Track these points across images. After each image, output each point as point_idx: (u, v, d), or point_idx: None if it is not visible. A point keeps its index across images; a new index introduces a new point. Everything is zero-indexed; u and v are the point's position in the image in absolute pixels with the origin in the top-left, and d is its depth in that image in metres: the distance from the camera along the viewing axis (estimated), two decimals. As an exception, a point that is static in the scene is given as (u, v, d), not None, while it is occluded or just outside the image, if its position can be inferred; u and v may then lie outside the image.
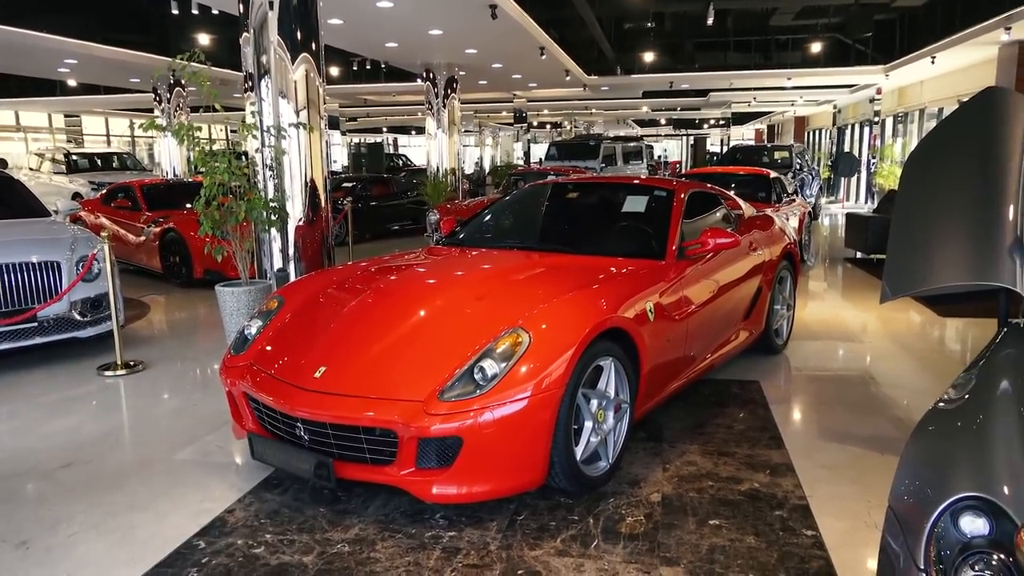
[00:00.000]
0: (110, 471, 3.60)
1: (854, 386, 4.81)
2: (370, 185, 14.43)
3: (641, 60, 17.75)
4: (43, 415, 4.41)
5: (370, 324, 3.44)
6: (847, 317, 6.85)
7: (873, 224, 9.61)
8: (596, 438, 3.25)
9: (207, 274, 8.25)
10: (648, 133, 42.17)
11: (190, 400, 4.67)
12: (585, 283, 3.57)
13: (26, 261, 5.34)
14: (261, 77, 6.13)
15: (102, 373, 5.21)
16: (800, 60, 17.45)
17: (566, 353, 3.03)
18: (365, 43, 13.01)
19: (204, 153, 5.39)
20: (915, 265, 3.12)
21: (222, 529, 2.99)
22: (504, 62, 14.91)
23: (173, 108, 16.55)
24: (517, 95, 22.36)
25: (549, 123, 37.72)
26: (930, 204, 3.17)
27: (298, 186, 6.17)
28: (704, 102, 24.19)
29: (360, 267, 4.28)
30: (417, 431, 2.85)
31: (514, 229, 5.15)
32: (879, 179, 18.42)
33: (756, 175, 9.89)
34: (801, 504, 3.14)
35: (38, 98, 20.73)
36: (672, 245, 4.19)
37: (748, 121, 36.44)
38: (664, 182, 5.13)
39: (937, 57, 13.34)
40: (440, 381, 2.96)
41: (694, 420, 4.15)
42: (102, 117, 28.68)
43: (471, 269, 4.19)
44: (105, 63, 14.03)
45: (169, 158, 17.15)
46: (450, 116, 15.14)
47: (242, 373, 3.43)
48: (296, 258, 6.20)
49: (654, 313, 3.63)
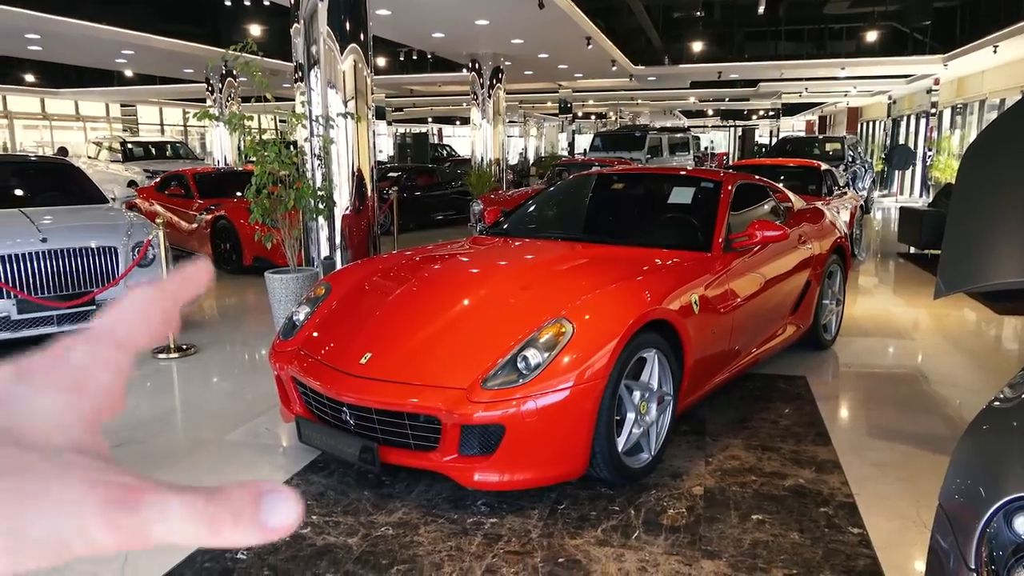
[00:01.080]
0: (162, 451, 3.72)
1: (905, 383, 4.70)
2: (415, 175, 14.54)
3: (689, 50, 17.50)
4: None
5: (415, 312, 3.48)
6: (898, 313, 6.69)
7: (927, 218, 9.34)
8: (638, 430, 3.24)
9: (256, 261, 8.42)
10: (695, 124, 41.60)
11: (240, 383, 4.80)
12: (629, 274, 3.56)
13: (85, 246, 5.52)
14: (311, 67, 6.23)
15: (156, 356, 5.37)
16: (855, 49, 17.00)
17: (609, 344, 3.02)
18: (412, 33, 13.09)
19: (255, 142, 5.50)
20: (972, 260, 3.03)
21: (270, 509, 3.07)
22: (550, 52, 14.85)
23: (225, 98, 16.89)
24: (562, 85, 22.25)
25: (594, 114, 37.50)
26: (989, 198, 3.07)
27: (345, 175, 6.26)
28: (753, 92, 23.75)
29: (405, 256, 4.33)
30: (460, 418, 2.89)
31: (558, 220, 5.14)
32: (935, 172, 17.88)
33: (806, 167, 9.69)
34: (848, 502, 3.09)
35: (96, 88, 21.40)
36: (719, 237, 4.14)
37: (799, 112, 35.68)
38: (711, 173, 5.07)
39: (1000, 46, 12.86)
40: (483, 369, 2.99)
41: (738, 414, 4.11)
42: (156, 107, 29.45)
43: (515, 259, 4.20)
44: (160, 54, 14.40)
45: (220, 147, 17.53)
46: (495, 106, 15.14)
47: (290, 358, 3.51)
48: (343, 246, 6.29)
49: (699, 306, 3.60)
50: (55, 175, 7.13)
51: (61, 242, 5.42)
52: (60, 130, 26.25)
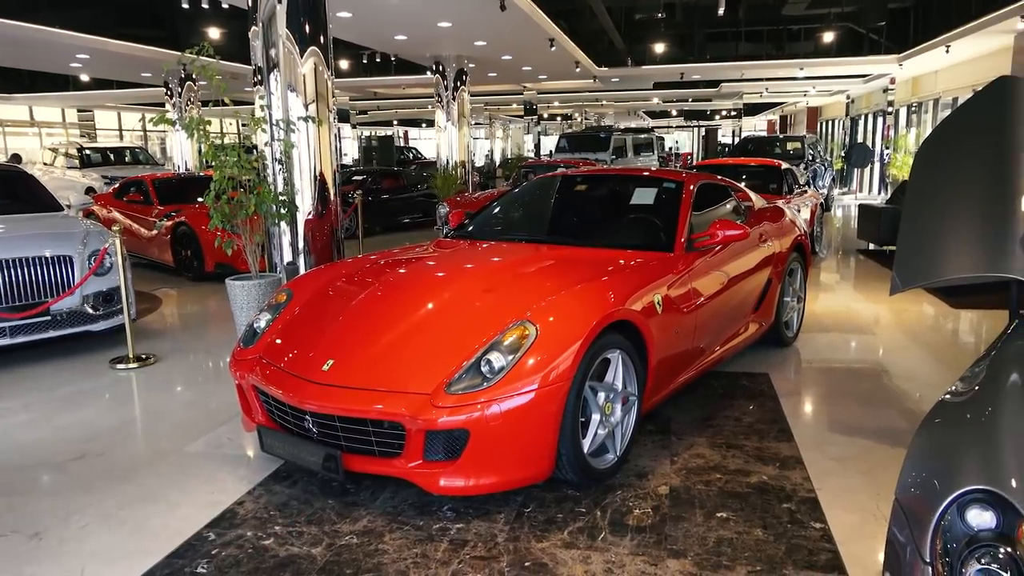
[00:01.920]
0: (122, 463, 3.63)
1: (865, 378, 4.79)
2: (380, 178, 14.45)
3: (652, 51, 17.65)
4: (56, 408, 4.46)
5: (378, 317, 3.45)
6: (859, 309, 6.81)
7: (885, 215, 9.52)
8: (603, 431, 3.25)
9: (218, 268, 8.30)
10: (659, 125, 41.98)
11: (201, 393, 4.71)
12: (593, 275, 3.57)
13: (39, 255, 5.38)
14: (270, 71, 6.15)
15: (114, 366, 5.25)
16: (813, 50, 17.30)
17: (573, 346, 3.03)
18: (374, 36, 13.00)
19: (214, 147, 5.41)
20: (926, 256, 3.09)
21: (232, 521, 3.02)
22: (514, 54, 14.87)
23: (184, 102, 16.62)
24: (527, 87, 22.30)
25: (559, 115, 37.62)
26: (941, 194, 3.14)
27: (307, 180, 6.19)
28: (715, 93, 24.03)
29: (369, 260, 4.29)
30: (424, 424, 2.86)
31: (523, 222, 5.14)
32: (893, 170, 18.27)
33: (767, 166, 9.83)
34: (810, 497, 3.13)
35: (51, 93, 20.89)
36: (680, 237, 4.17)
37: (760, 112, 36.21)
38: (673, 173, 5.11)
39: (952, 46, 13.19)
40: (447, 374, 2.97)
41: (703, 413, 4.14)
42: (114, 112, 28.86)
43: (479, 262, 4.19)
44: (117, 58, 14.10)
45: (181, 152, 17.23)
46: (460, 108, 15.12)
47: (251, 366, 3.45)
48: (306, 251, 6.22)
49: (662, 305, 3.62)
50: (6, 182, 6.94)
51: (12, 251, 5.28)
52: (14, 136, 25.58)
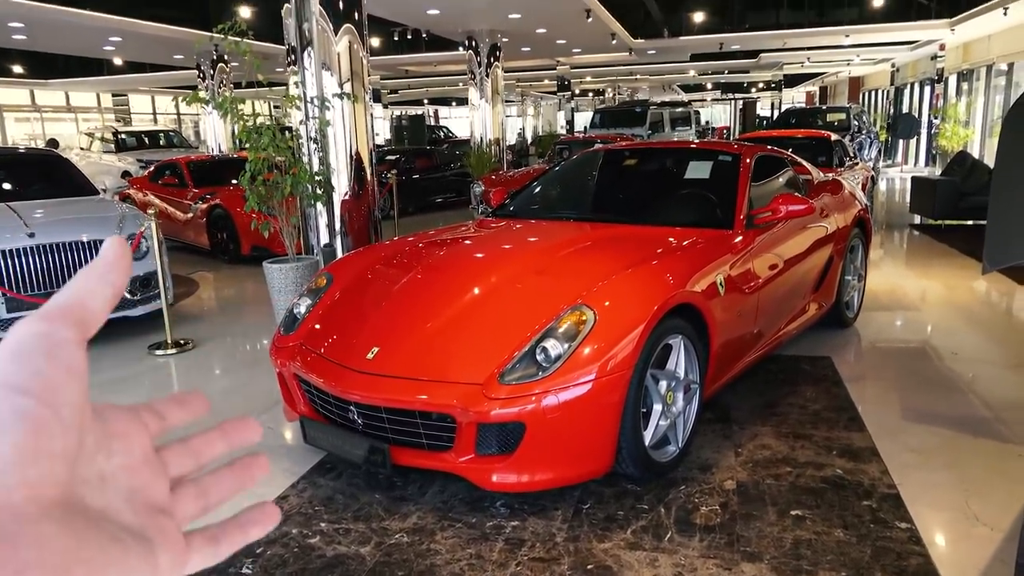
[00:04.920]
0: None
1: (934, 361, 4.50)
2: (413, 158, 14.26)
3: (689, 21, 17.13)
4: (95, 395, 4.28)
5: (423, 302, 3.27)
6: (918, 287, 6.47)
7: (940, 188, 9.10)
8: (665, 421, 3.04)
9: (254, 250, 8.20)
10: (694, 98, 41.11)
11: (240, 379, 4.60)
12: (649, 256, 3.35)
13: (76, 240, 5.31)
14: (304, 49, 5.96)
15: (152, 352, 5.17)
16: (858, 16, 16.62)
17: (634, 331, 2.82)
18: (406, 11, 12.75)
19: (248, 127, 5.26)
20: (1020, 234, 2.82)
21: (276, 517, 2.88)
22: (548, 26, 14.50)
23: (217, 84, 16.55)
24: (560, 62, 21.87)
25: (592, 91, 37.00)
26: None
27: (343, 159, 6.02)
28: (754, 64, 23.35)
29: (410, 242, 4.11)
30: (477, 416, 2.69)
31: (568, 199, 4.92)
32: (942, 141, 17.56)
33: (817, 138, 9.40)
34: (891, 493, 2.90)
35: (86, 78, 21.03)
36: (740, 214, 3.92)
37: (800, 83, 35.23)
38: (728, 146, 4.83)
39: (1011, 7, 12.52)
40: (500, 363, 2.79)
41: (764, 400, 3.91)
42: (148, 96, 29.04)
43: (526, 242, 3.99)
44: (148, 40, 14.06)
45: (214, 134, 17.21)
46: (493, 85, 14.83)
47: (292, 354, 3.31)
48: (343, 233, 6.07)
49: (724, 287, 3.39)
50: (43, 167, 6.89)
51: (50, 236, 5.20)
52: (51, 122, 25.88)
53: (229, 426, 0.45)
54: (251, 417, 0.46)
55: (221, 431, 0.44)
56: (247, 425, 0.45)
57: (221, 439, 0.44)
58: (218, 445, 0.44)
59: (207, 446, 0.43)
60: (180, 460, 0.42)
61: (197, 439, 0.43)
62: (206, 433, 0.44)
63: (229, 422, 0.45)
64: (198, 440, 0.43)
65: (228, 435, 0.44)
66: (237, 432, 0.45)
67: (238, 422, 0.45)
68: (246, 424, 0.45)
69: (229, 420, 0.45)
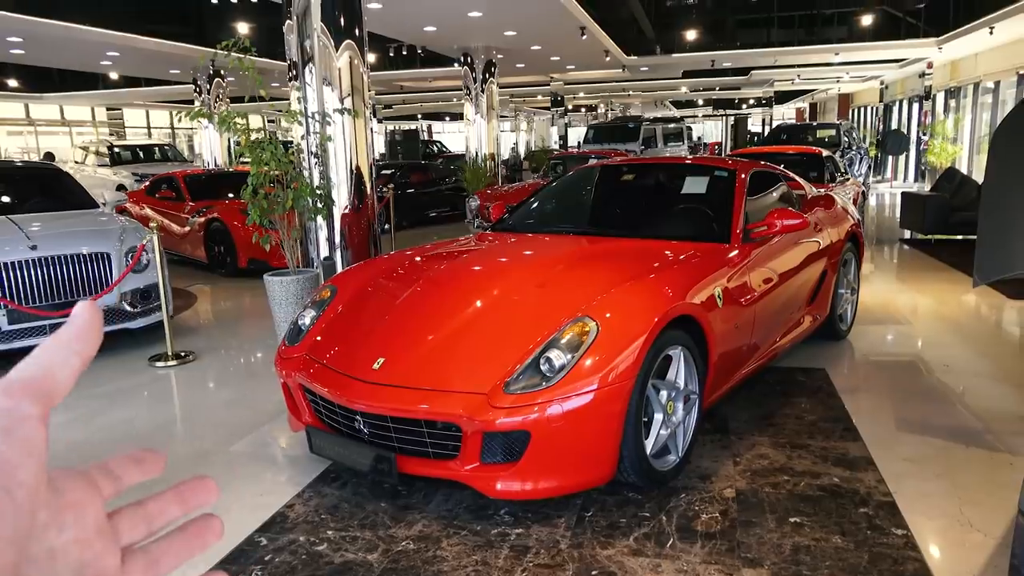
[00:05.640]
0: (168, 463, 3.54)
1: (927, 374, 4.58)
2: (409, 172, 14.35)
3: (682, 39, 17.36)
4: (98, 407, 4.41)
5: (428, 314, 3.33)
6: (909, 300, 6.57)
7: (930, 203, 9.24)
8: (666, 431, 3.10)
9: (251, 263, 8.25)
10: (686, 114, 41.48)
11: (242, 391, 4.63)
12: (648, 268, 3.42)
13: (76, 253, 5.34)
14: (305, 64, 6.04)
15: (153, 364, 5.20)
16: (847, 35, 16.89)
17: (636, 342, 2.88)
18: (403, 27, 12.89)
19: (250, 141, 5.32)
20: (1010, 247, 2.90)
21: (283, 525, 2.92)
22: (543, 44, 14.67)
23: (213, 99, 16.64)
24: (554, 78, 22.08)
25: (584, 106, 37.30)
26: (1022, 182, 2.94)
27: (344, 173, 6.09)
28: (745, 81, 23.64)
29: (412, 255, 4.17)
30: (482, 424, 2.74)
31: (567, 213, 5.00)
32: (930, 157, 17.80)
33: (807, 154, 9.55)
34: (887, 500, 2.96)
35: (81, 92, 21.08)
36: (737, 228, 4.00)
37: (790, 100, 35.61)
38: (723, 162, 4.93)
39: (996, 27, 12.76)
40: (504, 372, 2.84)
41: (761, 410, 3.98)
42: (143, 110, 29.10)
43: (526, 255, 4.05)
44: (146, 55, 14.14)
45: (210, 148, 17.27)
46: (488, 101, 14.97)
47: (298, 365, 3.35)
48: (343, 246, 6.12)
49: (722, 299, 3.46)
50: (43, 180, 6.93)
51: (52, 249, 5.24)
52: (45, 135, 25.87)
53: (186, 488, 0.43)
54: (208, 477, 0.44)
55: (177, 493, 0.43)
56: (204, 486, 0.44)
57: (177, 502, 0.43)
58: (173, 509, 0.42)
59: (162, 510, 0.42)
60: (133, 526, 0.40)
61: (152, 502, 0.42)
62: (162, 495, 0.42)
63: (186, 483, 0.43)
64: (153, 504, 0.42)
65: (184, 497, 0.43)
66: (194, 494, 0.43)
67: (196, 483, 0.44)
68: (203, 485, 0.44)
69: (186, 481, 0.43)
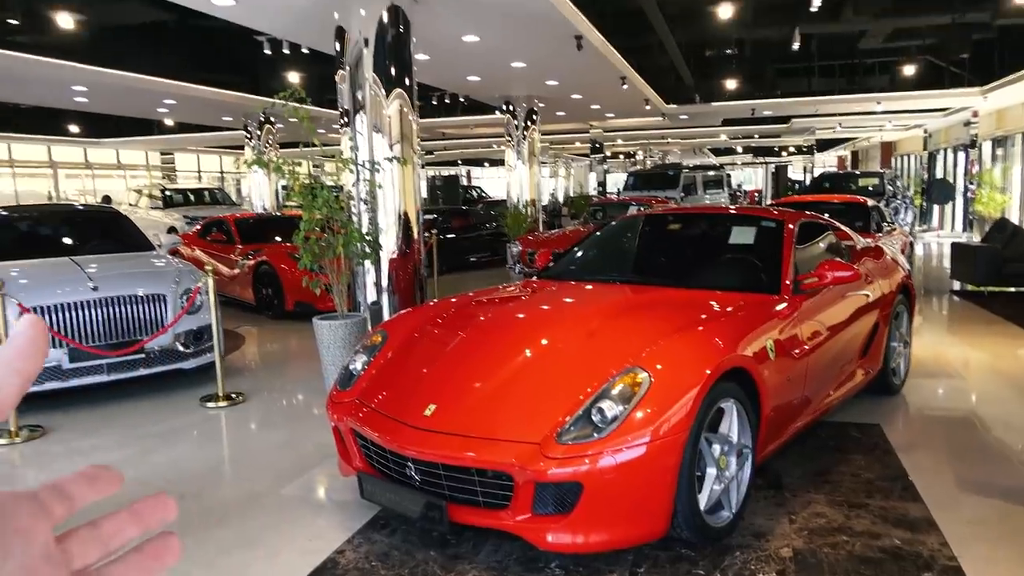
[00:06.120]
0: (218, 505, 3.60)
1: (984, 430, 4.44)
2: (450, 217, 14.56)
3: (721, 87, 17.45)
4: (151, 445, 4.49)
5: (478, 361, 3.35)
6: (964, 354, 6.41)
7: (982, 254, 9.06)
8: (719, 486, 3.05)
9: (298, 306, 8.39)
10: (724, 161, 41.49)
11: (291, 433, 4.68)
12: (696, 319, 3.41)
13: (133, 294, 5.50)
14: (356, 112, 6.24)
15: (204, 404, 5.29)
16: (890, 84, 16.83)
17: (689, 394, 2.86)
18: (448, 77, 13.19)
19: (304, 187, 5.47)
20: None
21: (334, 571, 2.92)
22: (584, 92, 14.88)
23: (263, 144, 17.16)
24: (593, 125, 22.32)
25: (623, 153, 37.56)
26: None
27: (392, 219, 6.22)
28: (786, 129, 23.61)
29: (460, 302, 4.21)
30: (534, 474, 2.73)
31: (613, 262, 5.01)
32: (978, 206, 17.47)
33: (852, 203, 9.45)
34: (952, 565, 2.85)
35: (137, 137, 21.91)
36: (786, 279, 3.97)
37: (832, 147, 35.42)
38: (769, 212, 4.92)
39: (1044, 77, 12.61)
40: (555, 422, 2.84)
41: (815, 467, 3.89)
42: (194, 154, 30.10)
43: (574, 304, 4.07)
44: (200, 102, 14.68)
45: (259, 193, 17.75)
46: (530, 148, 15.18)
47: (349, 409, 3.39)
48: (390, 290, 6.22)
49: (774, 351, 3.43)
50: (103, 223, 7.20)
51: (111, 290, 5.41)
52: (101, 178, 26.90)
53: (142, 506, 0.42)
54: (164, 493, 0.43)
55: (133, 513, 0.41)
56: (160, 503, 0.42)
57: (133, 522, 0.41)
58: (129, 529, 0.41)
59: (117, 530, 0.40)
60: (86, 549, 0.38)
61: (107, 523, 0.40)
62: (116, 515, 0.41)
63: (142, 501, 0.42)
64: (108, 524, 0.40)
65: (141, 516, 0.41)
66: (151, 512, 0.42)
67: (152, 500, 0.42)
68: (160, 502, 0.42)
69: (142, 499, 0.42)
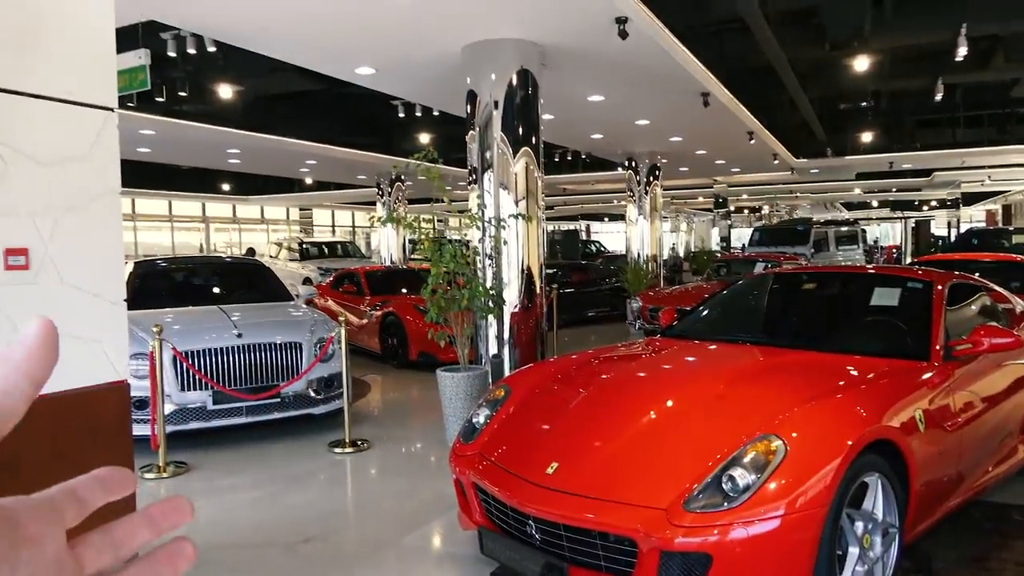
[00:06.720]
0: (345, 550, 3.69)
1: None
2: (570, 272, 14.63)
3: (856, 140, 16.79)
4: (283, 487, 4.69)
5: (602, 420, 3.30)
6: None
7: None
8: (862, 567, 2.82)
9: (421, 356, 8.62)
10: (858, 216, 39.57)
11: (413, 483, 4.76)
12: (837, 385, 3.22)
13: (272, 341, 5.85)
14: (484, 170, 6.45)
15: (332, 450, 5.49)
16: (1046, 133, 15.62)
17: (829, 465, 2.68)
18: (572, 135, 13.45)
19: (432, 242, 5.67)
20: None
21: (453, 628, 2.91)
22: (708, 148, 14.74)
23: (393, 200, 18.03)
24: (717, 180, 21.98)
25: (747, 207, 36.65)
26: None
27: (515, 273, 6.32)
28: (927, 182, 22.31)
29: (584, 359, 4.19)
30: (660, 542, 2.63)
31: (742, 322, 4.85)
32: None
33: (1008, 262, 8.73)
34: None
35: (280, 195, 23.63)
36: (936, 344, 3.69)
37: (978, 201, 33.06)
38: (914, 271, 4.63)
39: None
40: (683, 488, 2.73)
41: (970, 551, 3.53)
42: (329, 210, 32.06)
43: (702, 365, 3.96)
44: (338, 162, 15.69)
45: (387, 245, 18.58)
46: (652, 203, 15.12)
47: (472, 463, 3.41)
48: (511, 344, 6.28)
49: (924, 422, 3.17)
50: (248, 274, 7.74)
51: (254, 338, 5.77)
52: (246, 231, 29.13)
53: (157, 509, 0.41)
54: (182, 497, 0.42)
55: (147, 516, 0.40)
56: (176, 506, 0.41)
57: (146, 526, 0.40)
58: (143, 533, 0.40)
59: (130, 535, 0.39)
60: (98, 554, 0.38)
61: (120, 527, 0.39)
62: (130, 519, 0.40)
63: (157, 505, 0.41)
64: (121, 528, 0.39)
65: (154, 520, 0.40)
66: (165, 516, 0.41)
67: (167, 504, 0.41)
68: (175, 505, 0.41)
69: (157, 503, 0.41)
